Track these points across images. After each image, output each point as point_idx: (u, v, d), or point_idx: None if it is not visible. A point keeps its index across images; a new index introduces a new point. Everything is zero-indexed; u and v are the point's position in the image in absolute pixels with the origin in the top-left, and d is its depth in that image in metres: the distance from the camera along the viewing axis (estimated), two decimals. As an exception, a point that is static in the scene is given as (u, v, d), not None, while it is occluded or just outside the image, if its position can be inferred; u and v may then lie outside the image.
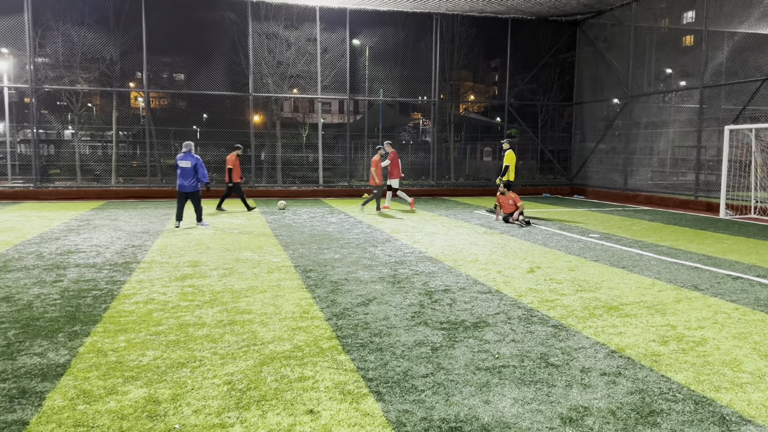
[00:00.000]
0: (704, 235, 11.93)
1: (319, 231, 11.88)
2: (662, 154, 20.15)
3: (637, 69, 20.34)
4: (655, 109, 20.23)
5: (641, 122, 20.59)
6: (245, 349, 4.81)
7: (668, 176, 20.13)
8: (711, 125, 17.57)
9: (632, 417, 3.65)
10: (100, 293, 6.62)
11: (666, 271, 8.14)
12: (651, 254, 9.53)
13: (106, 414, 3.63)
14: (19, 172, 20.09)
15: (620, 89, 20.97)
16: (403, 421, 3.56)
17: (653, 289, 7.07)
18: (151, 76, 20.73)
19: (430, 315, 5.87)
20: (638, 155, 20.72)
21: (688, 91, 18.72)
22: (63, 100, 21.76)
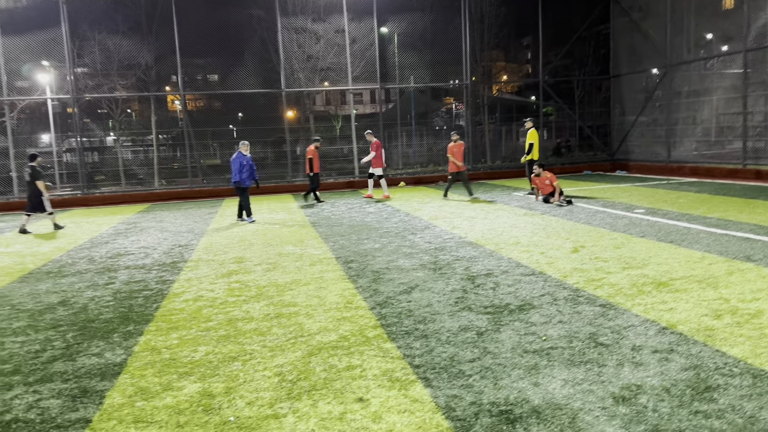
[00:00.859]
0: (755, 204, 11.50)
1: (357, 222, 11.94)
2: (706, 123, 19.46)
3: (675, 37, 19.65)
4: (696, 77, 19.52)
5: (682, 91, 19.91)
6: (293, 341, 4.89)
7: (714, 146, 19.44)
8: (757, 90, 16.87)
9: (687, 393, 3.57)
10: (150, 293, 6.82)
11: (716, 244, 7.90)
12: (699, 227, 9.24)
13: (164, 409, 3.75)
14: (66, 181, 20.81)
15: (658, 59, 20.31)
16: (452, 406, 3.57)
17: (703, 263, 6.87)
18: (186, 78, 21.10)
19: (473, 300, 5.85)
20: (681, 126, 20.07)
21: (731, 56, 17.98)
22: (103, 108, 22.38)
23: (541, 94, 22.83)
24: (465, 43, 21.63)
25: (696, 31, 19.58)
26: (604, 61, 23.42)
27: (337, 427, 3.40)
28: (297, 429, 3.40)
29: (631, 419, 3.30)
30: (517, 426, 3.29)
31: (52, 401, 3.95)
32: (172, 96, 22.83)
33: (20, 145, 20.20)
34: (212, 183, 20.88)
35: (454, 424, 3.34)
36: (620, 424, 3.24)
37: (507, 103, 27.77)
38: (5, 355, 4.89)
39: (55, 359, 4.74)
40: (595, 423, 3.27)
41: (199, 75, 24.32)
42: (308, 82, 21.58)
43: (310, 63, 21.56)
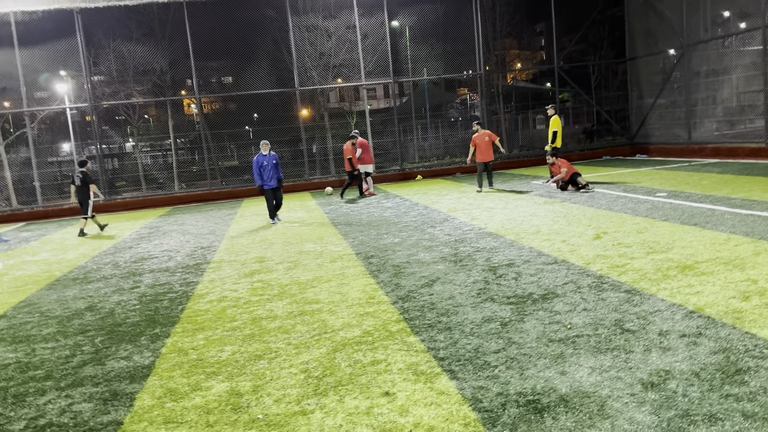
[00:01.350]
0: (781, 182, 11.27)
1: (376, 217, 11.95)
2: (726, 102, 19.09)
3: (691, 16, 19.27)
4: (714, 56, 19.14)
5: (701, 71, 19.54)
6: (317, 338, 4.92)
7: (735, 125, 19.06)
8: (779, 66, 16.49)
9: (717, 377, 3.52)
10: (175, 295, 6.90)
11: (741, 224, 7.76)
12: (723, 208, 9.09)
13: (193, 410, 3.80)
14: (88, 188, 21.11)
15: (675, 39, 19.95)
16: (479, 398, 3.56)
17: (729, 244, 6.75)
18: (201, 81, 21.28)
19: (495, 290, 5.82)
20: (701, 106, 19.71)
21: (749, 33, 17.59)
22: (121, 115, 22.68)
23: (556, 80, 22.59)
24: (477, 32, 21.47)
25: (713, 9, 19.18)
26: (619, 44, 23.07)
27: (364, 421, 3.41)
28: (325, 425, 3.42)
29: (661, 405, 3.26)
30: (545, 415, 3.27)
31: (84, 405, 4.02)
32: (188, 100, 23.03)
33: (42, 155, 20.56)
34: (231, 184, 21.04)
35: (481, 416, 3.34)
36: (650, 410, 3.21)
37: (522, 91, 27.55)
38: (37, 361, 4.99)
39: (85, 364, 4.83)
40: (624, 410, 3.24)
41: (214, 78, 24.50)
42: (321, 80, 21.60)
43: (322, 60, 21.59)
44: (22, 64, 18.60)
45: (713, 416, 3.09)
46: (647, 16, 21.45)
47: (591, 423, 3.14)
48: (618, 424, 3.10)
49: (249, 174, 22.14)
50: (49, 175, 20.63)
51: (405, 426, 3.31)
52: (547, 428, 3.13)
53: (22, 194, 19.73)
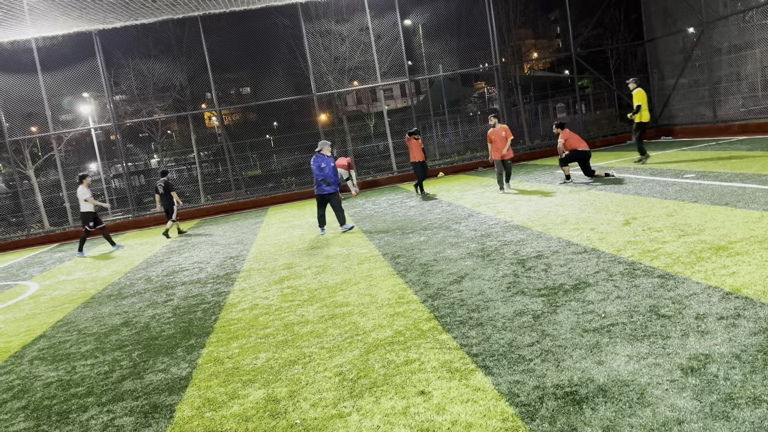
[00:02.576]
0: (814, 155, 10.96)
1: (400, 216, 11.94)
2: (751, 77, 18.61)
3: (710, -9, 18.86)
4: (735, 32, 18.69)
5: (722, 48, 19.10)
6: (349, 341, 4.93)
7: (761, 100, 18.57)
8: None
9: (759, 358, 3.43)
10: (208, 306, 7.00)
11: (775, 201, 7.56)
12: (755, 185, 8.87)
13: (231, 418, 3.85)
14: (117, 205, 21.54)
15: (694, 17, 19.54)
16: (515, 392, 3.53)
17: (763, 222, 6.59)
18: (220, 94, 21.55)
19: (525, 283, 5.77)
20: (725, 83, 19.26)
21: (773, 4, 17.14)
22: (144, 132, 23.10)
23: (575, 67, 22.32)
24: (491, 25, 21.33)
25: (731, -18, 18.74)
26: (636, 26, 22.69)
27: (401, 421, 3.41)
28: (363, 426, 3.43)
29: (702, 389, 3.19)
30: (584, 406, 3.23)
31: (126, 419, 4.10)
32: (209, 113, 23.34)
33: (70, 176, 21.02)
34: (255, 193, 21.24)
35: (519, 410, 3.31)
36: (691, 396, 3.15)
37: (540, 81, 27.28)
38: (77, 378, 5.10)
39: (124, 378, 4.92)
40: (664, 396, 3.19)
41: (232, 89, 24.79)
42: (338, 84, 21.68)
43: (337, 64, 21.67)
44: (46, 88, 19.06)
45: (757, 398, 3.02)
46: (664, -5, 21.05)
47: (631, 412, 3.10)
48: (659, 411, 3.05)
49: (272, 182, 22.35)
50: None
51: (443, 424, 3.30)
52: (587, 419, 3.10)
53: (54, 216, 20.20)
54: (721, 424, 2.84)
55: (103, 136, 23.86)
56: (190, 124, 23.01)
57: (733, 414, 2.92)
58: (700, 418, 2.93)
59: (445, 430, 3.23)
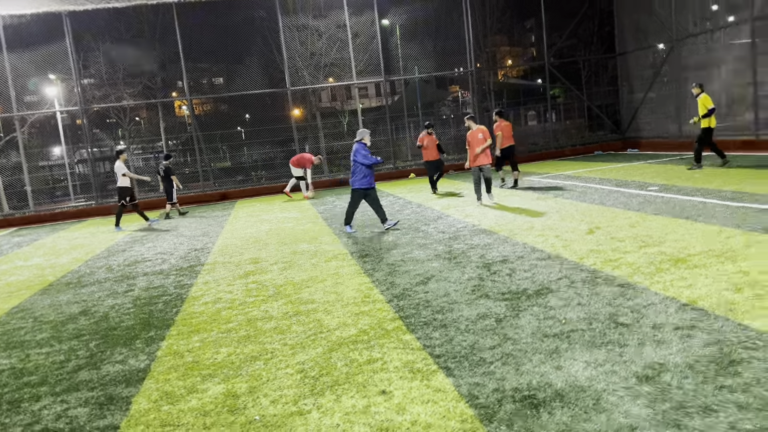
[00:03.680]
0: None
1: (370, 216, 11.95)
2: (716, 95, 19.17)
3: (680, 10, 19.37)
4: (703, 50, 19.23)
5: (690, 65, 19.64)
6: (313, 338, 4.92)
7: (725, 118, 19.15)
8: (766, 59, 16.60)
9: (711, 369, 3.54)
10: (170, 298, 6.89)
11: (732, 217, 7.81)
12: (715, 201, 9.15)
13: (189, 412, 3.80)
14: (80, 192, 21.03)
15: (664, 33, 20.04)
16: (475, 394, 3.57)
17: (721, 237, 6.80)
18: (192, 83, 21.21)
19: (490, 287, 5.84)
20: (691, 100, 19.80)
21: (738, 26, 17.70)
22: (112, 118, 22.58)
23: (547, 76, 22.66)
24: (467, 30, 21.50)
25: (701, 2, 19.28)
26: (609, 39, 23.16)
27: (361, 420, 3.42)
28: (322, 424, 3.42)
29: (656, 397, 3.28)
30: (541, 410, 3.29)
31: (80, 410, 4.01)
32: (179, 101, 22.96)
33: (32, 159, 20.43)
34: (224, 186, 20.99)
35: (477, 412, 3.35)
36: (645, 403, 3.23)
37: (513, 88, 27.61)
38: (31, 367, 4.97)
39: (80, 368, 4.81)
40: (619, 403, 3.26)
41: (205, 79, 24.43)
42: (313, 79, 21.57)
43: (313, 60, 21.56)
44: (11, 67, 18.48)
45: (708, 408, 3.11)
46: (636, 10, 21.53)
47: (587, 417, 3.16)
48: (613, 418, 3.12)
49: (242, 175, 22.11)
50: (41, 180, 20.52)
51: (402, 424, 3.32)
52: (544, 423, 3.15)
53: (13, 199, 19.61)
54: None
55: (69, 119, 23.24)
56: (159, 112, 22.60)
57: (684, 422, 3.00)
58: (653, 426, 3.00)
59: (404, 430, 3.25)
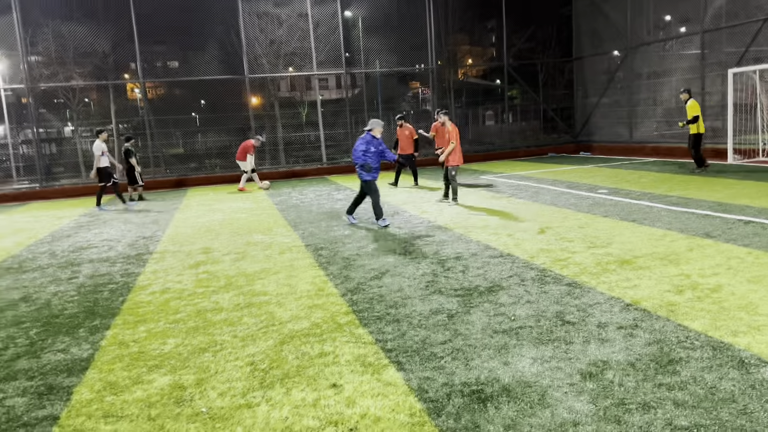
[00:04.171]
0: (713, 181, 11.85)
1: (326, 209, 11.89)
2: (666, 103, 19.89)
3: (635, 18, 19.97)
4: (656, 59, 19.90)
5: (643, 73, 20.29)
6: (264, 330, 4.86)
7: (674, 126, 19.88)
8: (714, 70, 17.30)
9: (652, 367, 3.68)
10: (116, 286, 6.69)
11: (677, 221, 8.12)
12: (661, 205, 9.48)
13: (134, 403, 3.70)
14: (23, 173, 20.16)
15: (620, 41, 20.63)
16: (425, 388, 3.61)
17: (665, 240, 7.05)
18: (145, 66, 20.58)
19: (443, 283, 5.90)
20: (642, 106, 20.48)
21: (689, 37, 18.38)
22: (60, 98, 21.70)
23: (506, 77, 23.01)
24: (430, 27, 21.60)
25: (655, 12, 19.92)
26: (566, 43, 23.66)
27: (311, 413, 3.40)
28: (271, 417, 3.39)
29: (598, 394, 3.38)
30: (488, 405, 3.35)
31: (18, 399, 3.85)
32: (132, 84, 22.25)
33: (-27, 137, 19.45)
34: (176, 172, 20.51)
35: (426, 406, 3.38)
36: (588, 399, 3.33)
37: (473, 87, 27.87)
38: (-35, 355, 4.75)
39: (18, 357, 4.62)
40: (563, 399, 3.35)
41: (159, 62, 23.72)
42: (272, 68, 21.27)
43: (273, 48, 21.24)
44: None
45: (647, 405, 3.23)
46: (594, 17, 22.08)
47: (532, 412, 3.23)
48: (558, 413, 3.20)
49: (195, 162, 21.63)
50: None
51: (351, 417, 3.32)
52: (490, 417, 3.21)
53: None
54: (612, 428, 3.03)
55: (14, 98, 22.22)
56: (110, 94, 21.85)
57: (624, 418, 3.11)
58: (594, 421, 3.10)
59: (353, 423, 3.25)
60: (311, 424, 3.29)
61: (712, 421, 3.01)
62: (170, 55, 23.50)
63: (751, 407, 3.12)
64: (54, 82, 20.25)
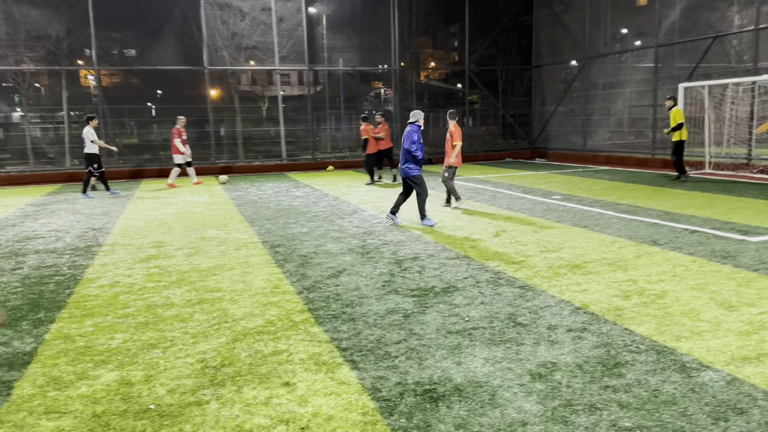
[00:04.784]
0: (662, 191, 12.28)
1: (285, 206, 11.79)
2: (619, 114, 20.51)
3: (593, 30, 20.51)
4: (611, 70, 20.50)
5: (598, 83, 20.85)
6: (216, 327, 4.79)
7: (626, 136, 20.53)
8: (666, 83, 17.92)
9: (598, 369, 3.79)
10: (63, 279, 6.47)
11: (626, 228, 8.37)
12: (611, 212, 9.77)
13: (78, 399, 3.59)
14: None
15: (578, 51, 21.15)
16: (378, 387, 3.62)
17: (614, 246, 7.27)
18: (101, 52, 19.97)
19: (400, 283, 5.93)
20: (596, 116, 21.04)
21: (644, 51, 18.99)
22: (9, 82, 20.82)
23: (467, 82, 23.28)
24: (393, 28, 21.67)
25: (612, 25, 20.51)
26: (526, 51, 24.10)
27: (262, 411, 3.37)
28: (221, 415, 3.35)
29: (547, 395, 3.46)
30: (440, 404, 3.38)
31: (-47, 394, 3.69)
32: (86, 71, 21.55)
33: None
34: (129, 163, 19.98)
35: (379, 405, 3.40)
36: (536, 400, 3.40)
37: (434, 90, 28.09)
38: None
39: (-45, 350, 4.42)
40: (513, 399, 3.42)
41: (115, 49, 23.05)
42: (233, 61, 20.95)
43: (234, 41, 20.92)
44: None
45: (593, 406, 3.33)
46: (554, 26, 22.57)
47: (482, 412, 3.29)
48: (507, 413, 3.26)
49: (149, 153, 21.11)
50: None
51: (303, 416, 3.31)
52: (442, 417, 3.24)
53: None
54: (560, 428, 3.10)
55: (-42, 79, 21.20)
56: (62, 80, 21.08)
57: (571, 419, 3.19)
58: (542, 422, 3.17)
59: (305, 422, 3.23)
60: (262, 422, 3.25)
61: (654, 423, 3.13)
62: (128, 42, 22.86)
63: (690, 409, 3.25)
64: (3, 65, 19.43)
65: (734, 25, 15.98)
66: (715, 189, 12.36)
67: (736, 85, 15.26)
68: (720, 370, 3.73)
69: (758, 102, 15.04)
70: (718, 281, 5.67)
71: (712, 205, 10.28)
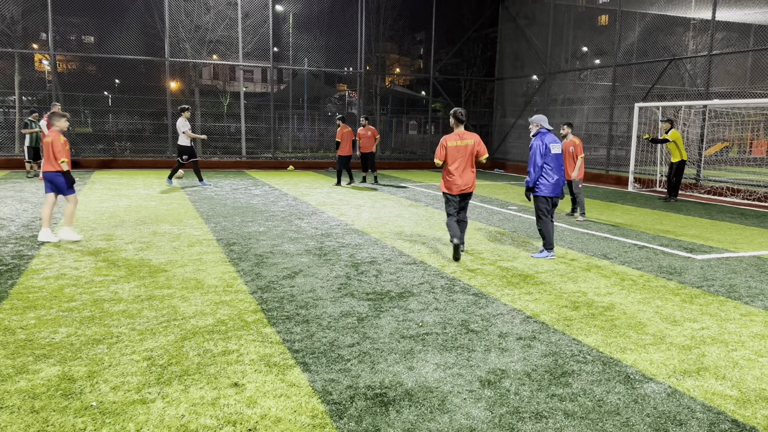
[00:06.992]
0: (614, 207, 12.64)
1: (242, 204, 11.63)
2: (576, 130, 21.03)
3: (555, 46, 21.00)
4: (571, 86, 21.03)
5: (558, 98, 21.36)
6: (165, 325, 4.68)
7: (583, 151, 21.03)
8: (622, 102, 18.50)
9: (546, 378, 3.86)
10: (5, 268, 6.21)
11: (578, 241, 8.58)
12: (564, 225, 9.99)
13: (16, 393, 3.45)
14: None
15: (539, 66, 21.61)
16: (329, 390, 3.60)
17: (566, 258, 7.44)
18: (58, 37, 19.32)
19: (356, 286, 5.92)
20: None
21: (602, 69, 19.56)
22: (-44, 61, 19.91)
23: (431, 89, 23.49)
24: (360, 32, 21.69)
25: (574, 42, 21.06)
26: (490, 63, 24.50)
27: (208, 412, 3.31)
28: (165, 414, 3.27)
29: (495, 402, 3.51)
30: (389, 408, 3.39)
31: None
32: (40, 55, 20.81)
33: None
34: (81, 153, 19.37)
35: (329, 408, 3.38)
36: (485, 406, 3.45)
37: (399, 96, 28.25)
38: None
39: None
40: (462, 405, 3.45)
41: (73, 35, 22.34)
42: (195, 54, 20.59)
43: (198, 34, 20.57)
44: None
45: (539, 414, 3.39)
46: (517, 40, 23.01)
47: (431, 417, 3.30)
48: (455, 419, 3.29)
49: (103, 143, 20.51)
50: None
51: (251, 417, 3.26)
52: (391, 421, 3.25)
53: None
54: (506, 434, 3.15)
55: None
56: (15, 63, 20.29)
57: (518, 426, 3.24)
58: (490, 428, 3.21)
59: (252, 424, 3.19)
60: (208, 423, 3.19)
61: None
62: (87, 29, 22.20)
63: (632, 420, 3.35)
64: (-50, 42, 18.60)
65: (689, 49, 16.62)
66: (664, 207, 12.79)
67: (689, 107, 15.87)
68: (662, 382, 3.85)
69: (708, 125, 15.67)
70: (663, 296, 5.87)
71: (661, 222, 10.64)
